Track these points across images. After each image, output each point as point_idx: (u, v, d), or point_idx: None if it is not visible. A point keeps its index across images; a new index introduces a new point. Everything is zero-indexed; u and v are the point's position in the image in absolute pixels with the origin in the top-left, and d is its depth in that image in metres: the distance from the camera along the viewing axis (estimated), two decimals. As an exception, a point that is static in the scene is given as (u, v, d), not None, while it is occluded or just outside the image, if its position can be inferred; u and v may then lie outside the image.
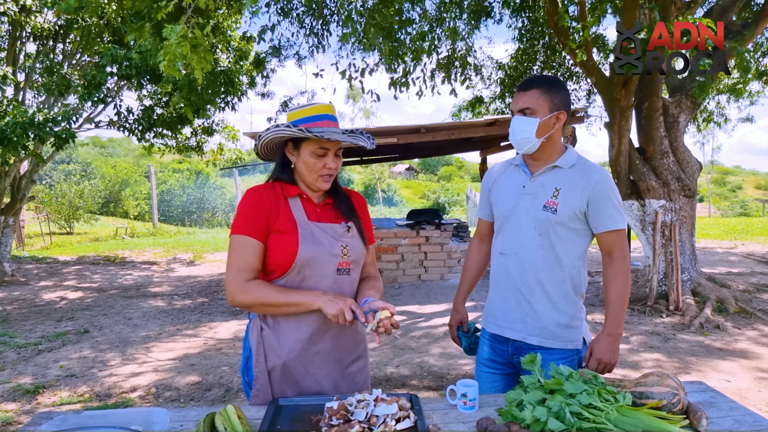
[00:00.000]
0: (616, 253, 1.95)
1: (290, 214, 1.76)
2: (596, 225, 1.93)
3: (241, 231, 1.73)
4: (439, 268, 8.66)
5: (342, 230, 1.83)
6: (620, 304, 1.94)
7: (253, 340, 1.79)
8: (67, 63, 10.01)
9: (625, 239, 1.97)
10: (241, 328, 6.21)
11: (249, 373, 1.81)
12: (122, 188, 28.86)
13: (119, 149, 53.12)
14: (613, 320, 1.94)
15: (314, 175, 1.78)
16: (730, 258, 11.22)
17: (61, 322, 6.63)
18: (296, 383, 1.79)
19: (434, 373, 4.48)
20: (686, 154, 7.03)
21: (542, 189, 1.95)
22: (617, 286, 1.94)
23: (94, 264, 12.10)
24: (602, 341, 1.92)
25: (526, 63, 10.07)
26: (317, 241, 1.76)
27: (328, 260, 1.77)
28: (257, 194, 1.78)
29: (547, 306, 1.95)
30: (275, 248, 1.74)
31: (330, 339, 1.81)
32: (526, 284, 1.97)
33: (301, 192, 1.81)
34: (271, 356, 1.77)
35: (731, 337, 5.48)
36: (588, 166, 1.97)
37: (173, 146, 11.09)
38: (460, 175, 51.83)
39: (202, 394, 4.19)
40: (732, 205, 39.09)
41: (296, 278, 1.75)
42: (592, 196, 1.89)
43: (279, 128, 1.73)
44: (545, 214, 1.92)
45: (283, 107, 8.36)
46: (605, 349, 1.91)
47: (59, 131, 7.86)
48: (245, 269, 1.72)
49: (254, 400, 1.77)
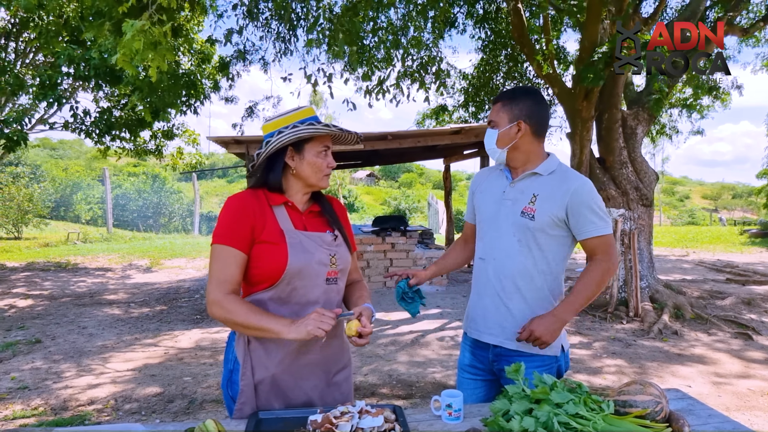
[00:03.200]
0: (599, 255, 1.94)
1: (276, 224, 1.71)
2: (578, 232, 1.94)
3: (223, 241, 1.66)
4: (404, 275, 8.66)
5: (330, 239, 1.79)
6: (582, 296, 1.92)
7: (239, 353, 1.73)
8: (20, 62, 9.57)
9: (611, 244, 1.96)
10: (203, 337, 6.03)
11: (233, 386, 1.74)
12: (74, 192, 27.78)
13: (70, 151, 51.19)
14: (566, 306, 1.91)
15: (320, 175, 1.76)
16: (683, 265, 11.68)
17: (11, 332, 6.28)
18: (284, 395, 1.74)
19: (403, 381, 4.46)
20: (644, 165, 7.28)
21: (521, 195, 1.97)
22: (586, 281, 1.94)
23: (44, 270, 11.55)
24: (545, 318, 1.88)
25: (489, 73, 10.25)
26: (306, 250, 1.71)
27: (318, 270, 1.73)
28: (241, 202, 1.71)
29: (525, 312, 1.95)
30: (262, 259, 1.68)
31: (318, 350, 1.78)
32: (504, 290, 1.98)
33: (287, 200, 1.77)
34: (259, 369, 1.72)
35: (688, 343, 5.68)
36: (568, 174, 1.98)
37: (131, 149, 10.74)
38: (420, 182, 52.29)
39: (164, 405, 4.03)
40: (681, 214, 40.86)
41: (285, 289, 1.70)
42: (570, 203, 1.90)
43: (295, 130, 1.68)
44: (523, 221, 1.93)
45: (249, 112, 8.21)
46: (543, 325, 1.85)
47: (10, 133, 7.50)
48: (225, 281, 1.65)
49: (237, 414, 1.70)
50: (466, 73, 10.63)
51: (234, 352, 1.75)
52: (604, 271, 1.94)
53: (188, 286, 9.50)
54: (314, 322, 1.55)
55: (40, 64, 9.73)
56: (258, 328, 1.60)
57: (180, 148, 11.86)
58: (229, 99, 8.78)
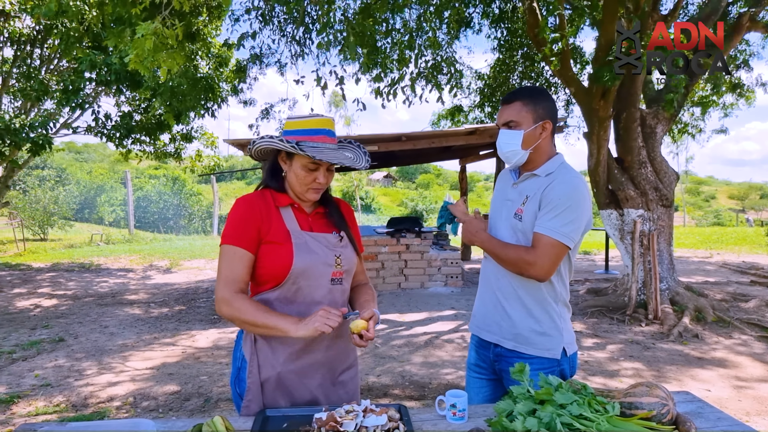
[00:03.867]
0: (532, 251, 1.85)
1: (282, 224, 1.74)
2: (535, 224, 1.88)
3: (231, 241, 1.70)
4: (420, 276, 8.66)
5: (335, 240, 1.82)
6: (498, 248, 1.94)
7: (246, 351, 1.76)
8: (45, 68, 9.82)
9: (551, 252, 1.84)
10: (220, 336, 6.11)
11: (241, 384, 1.77)
12: (97, 194, 28.39)
13: (94, 154, 52.30)
14: (487, 237, 2.00)
15: (304, 188, 1.76)
16: (706, 267, 11.45)
17: (36, 330, 6.44)
18: (290, 394, 1.77)
19: (416, 383, 4.46)
20: (663, 165, 7.16)
21: (518, 196, 1.98)
22: (511, 247, 1.92)
23: (68, 271, 11.81)
24: (477, 222, 2.05)
25: (505, 73, 10.18)
26: (311, 251, 1.74)
27: (323, 270, 1.75)
28: (248, 203, 1.75)
29: (521, 312, 1.95)
30: (268, 259, 1.72)
31: (324, 349, 1.80)
32: (501, 289, 2.00)
33: (293, 201, 1.79)
34: (266, 367, 1.75)
35: (709, 346, 5.58)
36: (558, 175, 1.92)
37: (151, 152, 10.94)
38: (438, 183, 52.17)
39: (181, 404, 4.10)
40: (706, 215, 40.06)
41: (291, 289, 1.73)
42: (542, 199, 1.88)
43: (273, 140, 1.70)
44: (515, 222, 1.95)
45: (264, 114, 8.30)
46: (470, 226, 2.06)
47: (35, 137, 7.71)
48: (234, 280, 1.69)
49: (245, 412, 1.73)
50: (481, 73, 10.59)
51: (242, 350, 1.79)
52: (520, 258, 1.86)
53: (207, 286, 9.62)
54: (321, 318, 1.59)
55: (64, 69, 9.97)
56: (265, 326, 1.64)
57: (199, 150, 12.03)
58: (247, 102, 8.89)
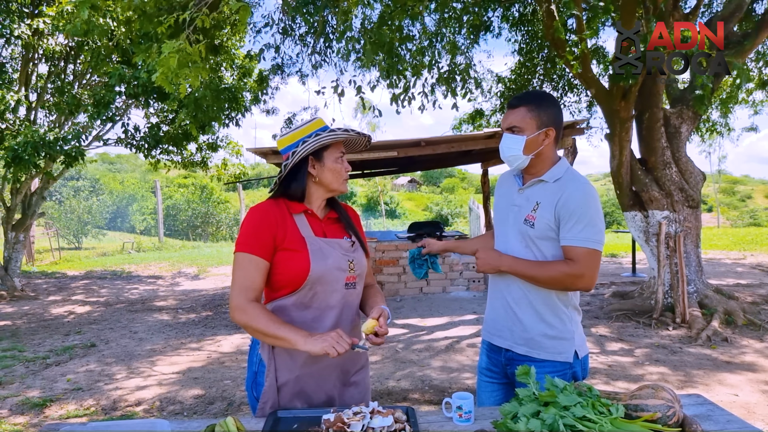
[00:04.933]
0: (577, 264, 1.86)
1: (297, 231, 1.78)
2: (561, 237, 1.90)
3: (245, 249, 1.74)
4: (441, 281, 8.66)
5: (348, 245, 1.87)
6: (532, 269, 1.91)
7: (264, 356, 1.80)
8: (78, 83, 10.20)
9: (590, 261, 1.86)
10: (244, 341, 6.23)
11: (258, 387, 1.82)
12: (129, 203, 29.13)
13: (127, 165, 53.66)
14: (515, 260, 1.94)
15: (340, 180, 1.84)
16: (738, 269, 11.14)
17: (69, 336, 6.68)
18: (307, 396, 1.82)
19: (435, 387, 4.48)
20: (689, 165, 7.03)
21: (526, 202, 1.98)
22: (547, 266, 1.90)
23: (101, 278, 12.18)
24: (492, 251, 2.02)
25: (526, 76, 10.13)
26: (327, 257, 1.78)
27: (338, 275, 1.80)
28: (262, 212, 1.78)
29: (532, 317, 1.96)
30: (285, 266, 1.76)
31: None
32: (511, 294, 2.01)
33: (306, 208, 1.84)
34: (284, 371, 1.79)
35: (738, 350, 5.44)
36: (568, 181, 1.94)
37: (179, 162, 11.23)
38: (463, 186, 51.82)
39: (205, 407, 4.21)
40: (741, 215, 38.87)
41: (307, 294, 1.77)
42: (558, 209, 1.89)
43: (335, 132, 1.79)
44: (525, 228, 1.95)
45: (287, 123, 8.46)
46: (487, 256, 2.00)
47: (69, 149, 8.01)
48: (248, 288, 1.72)
49: (260, 413, 1.78)
50: (502, 76, 10.56)
51: (258, 354, 1.83)
52: (566, 274, 1.86)
53: (233, 292, 9.79)
54: (331, 341, 1.61)
55: (95, 84, 10.34)
56: (275, 336, 1.66)
57: (225, 159, 12.29)
58: (270, 111, 9.06)
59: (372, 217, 35.88)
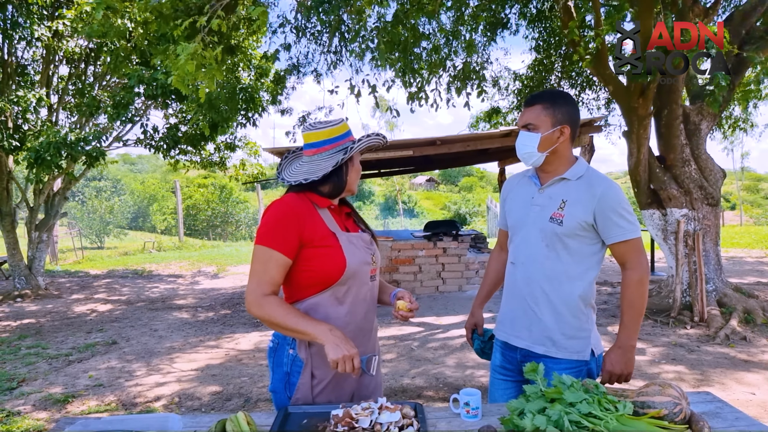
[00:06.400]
0: (629, 263, 1.95)
1: (325, 226, 1.78)
2: (606, 236, 1.94)
3: (266, 243, 1.71)
4: (457, 279, 8.65)
5: (368, 238, 1.91)
6: (631, 316, 1.94)
7: (302, 353, 1.79)
8: (98, 84, 10.40)
9: (639, 249, 1.96)
10: (262, 339, 6.30)
11: (291, 388, 1.81)
12: (150, 203, 29.57)
13: (147, 165, 54.48)
14: (624, 332, 1.95)
15: (357, 180, 1.89)
16: (761, 267, 10.93)
17: (91, 334, 6.83)
18: (341, 390, 1.84)
19: (450, 384, 4.49)
20: (709, 162, 6.92)
21: (549, 201, 1.99)
22: (628, 297, 1.95)
23: (123, 277, 12.41)
24: (612, 353, 1.95)
25: (543, 73, 10.05)
26: (357, 250, 1.81)
27: (365, 269, 1.83)
28: (288, 206, 1.75)
29: (552, 316, 1.97)
30: (319, 262, 1.75)
31: (364, 343, 1.88)
32: (531, 294, 2.01)
33: (331, 203, 1.85)
34: (322, 368, 1.79)
35: (758, 348, 5.36)
36: (594, 178, 1.97)
37: (197, 162, 11.38)
38: (481, 185, 51.50)
39: (222, 403, 4.28)
40: (765, 213, 37.99)
41: (341, 290, 1.78)
42: (598, 208, 1.91)
43: (378, 137, 1.87)
44: (551, 226, 1.95)
45: (302, 122, 8.53)
46: (615, 361, 1.93)
47: (90, 150, 8.18)
48: (266, 282, 1.71)
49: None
50: (519, 74, 10.49)
51: (290, 354, 1.80)
52: (638, 280, 1.95)
53: (251, 291, 9.89)
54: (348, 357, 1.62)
55: (114, 86, 10.53)
56: (295, 330, 1.68)
57: (243, 159, 12.41)
58: (285, 111, 9.14)
59: (390, 216, 35.91)
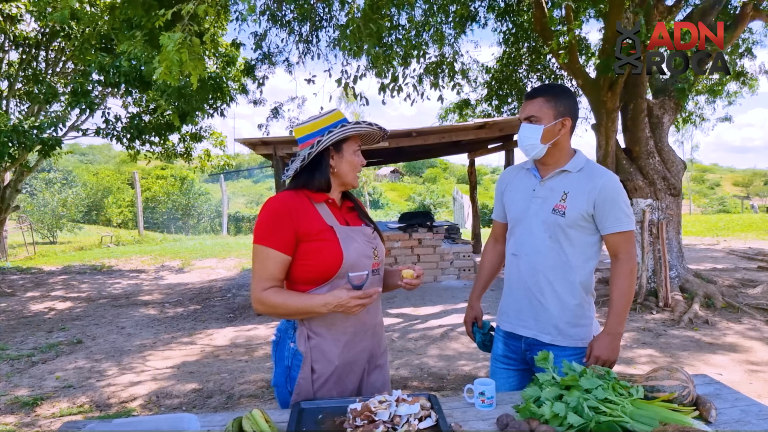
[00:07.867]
0: (621, 254, 2.01)
1: (322, 221, 1.77)
2: (602, 227, 2.00)
3: (263, 242, 1.73)
4: (432, 270, 8.72)
5: (369, 232, 1.88)
6: (622, 304, 2.00)
7: (301, 347, 1.79)
8: (51, 71, 9.91)
9: (632, 241, 2.02)
10: (237, 334, 6.20)
11: (292, 383, 1.80)
12: (104, 196, 28.53)
13: (99, 156, 52.49)
14: (613, 319, 2.00)
15: (354, 173, 1.85)
16: (713, 254, 11.46)
17: (53, 333, 6.55)
18: (343, 384, 1.83)
19: (434, 374, 4.54)
20: (671, 154, 7.19)
21: (551, 193, 2.02)
22: (619, 287, 2.01)
23: (80, 273, 11.94)
24: (601, 339, 1.99)
25: (512, 66, 10.20)
26: (355, 244, 1.79)
27: (366, 263, 1.80)
28: (282, 204, 1.76)
29: (557, 305, 2.02)
30: (315, 256, 1.74)
31: (370, 336, 1.87)
32: (536, 284, 2.04)
33: (328, 197, 1.83)
34: (322, 362, 1.78)
35: (720, 331, 5.63)
36: (595, 170, 2.03)
37: (161, 153, 11.04)
38: (445, 176, 51.97)
39: (203, 401, 4.19)
40: (711, 202, 39.82)
41: (339, 284, 1.76)
42: (598, 199, 1.96)
43: (360, 125, 1.81)
44: (554, 217, 1.99)
45: (274, 114, 8.36)
46: (603, 347, 1.97)
47: (45, 138, 7.80)
48: (265, 279, 1.73)
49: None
50: (488, 66, 10.61)
51: (291, 348, 1.80)
52: (630, 271, 2.01)
53: (220, 285, 9.72)
54: (342, 306, 1.66)
55: (70, 72, 10.06)
56: (298, 311, 1.73)
57: (207, 150, 12.11)
58: (257, 101, 8.94)
59: (355, 208, 35.68)
